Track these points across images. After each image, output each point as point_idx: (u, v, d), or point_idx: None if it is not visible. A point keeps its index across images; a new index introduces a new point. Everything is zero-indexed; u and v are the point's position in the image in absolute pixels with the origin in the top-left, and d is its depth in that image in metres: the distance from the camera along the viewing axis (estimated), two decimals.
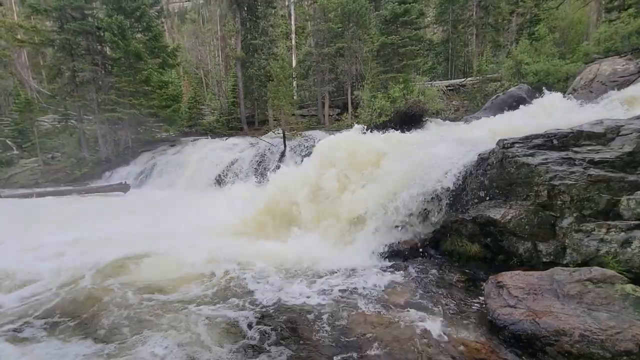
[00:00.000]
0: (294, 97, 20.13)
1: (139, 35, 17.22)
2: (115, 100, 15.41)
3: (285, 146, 13.85)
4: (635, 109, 6.53)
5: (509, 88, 13.03)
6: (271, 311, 3.59)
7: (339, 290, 3.97)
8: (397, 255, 4.81)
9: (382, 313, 3.43)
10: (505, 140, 4.59)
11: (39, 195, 12.53)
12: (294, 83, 20.95)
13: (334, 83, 19.17)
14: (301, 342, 3.06)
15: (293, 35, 22.25)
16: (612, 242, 3.37)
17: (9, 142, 18.05)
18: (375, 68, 17.21)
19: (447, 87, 18.55)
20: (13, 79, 22.32)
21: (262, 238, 5.86)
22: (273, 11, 20.71)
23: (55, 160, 16.87)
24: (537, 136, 4.53)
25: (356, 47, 18.39)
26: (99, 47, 16.33)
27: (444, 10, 23.13)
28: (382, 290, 3.90)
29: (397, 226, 5.00)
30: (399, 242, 4.93)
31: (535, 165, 4.05)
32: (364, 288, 4.00)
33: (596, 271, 3.06)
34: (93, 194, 13.02)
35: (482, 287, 3.75)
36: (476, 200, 4.57)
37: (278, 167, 10.61)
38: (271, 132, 16.85)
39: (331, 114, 19.31)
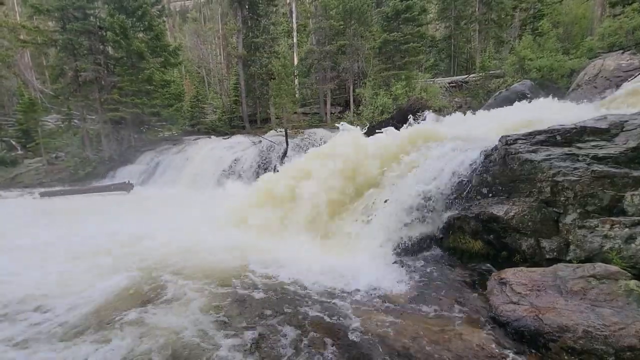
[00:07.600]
0: (296, 95, 20.14)
1: (140, 34, 17.26)
2: (117, 100, 15.48)
3: (287, 144, 13.85)
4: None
5: (512, 84, 12.98)
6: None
7: (339, 288, 3.98)
8: (399, 252, 4.80)
9: (384, 309, 3.43)
10: (508, 136, 4.56)
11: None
12: (296, 81, 20.94)
13: (336, 81, 19.14)
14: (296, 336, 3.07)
15: (294, 33, 22.21)
16: (616, 238, 3.34)
17: (13, 142, 18.19)
18: (377, 65, 17.19)
19: (449, 84, 18.46)
20: (16, 80, 22.49)
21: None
22: (274, 9, 20.70)
23: (59, 160, 16.97)
24: (540, 132, 4.49)
25: (358, 44, 18.36)
26: (101, 46, 16.39)
27: (446, 6, 23.02)
28: (385, 287, 3.90)
29: (398, 224, 4.99)
30: (400, 240, 4.92)
31: (539, 162, 4.02)
32: (365, 285, 4.00)
33: (600, 267, 3.05)
34: (97, 193, 13.08)
35: (485, 284, 3.74)
36: (479, 197, 4.55)
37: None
38: (273, 130, 16.87)
39: (333, 112, 19.32)
